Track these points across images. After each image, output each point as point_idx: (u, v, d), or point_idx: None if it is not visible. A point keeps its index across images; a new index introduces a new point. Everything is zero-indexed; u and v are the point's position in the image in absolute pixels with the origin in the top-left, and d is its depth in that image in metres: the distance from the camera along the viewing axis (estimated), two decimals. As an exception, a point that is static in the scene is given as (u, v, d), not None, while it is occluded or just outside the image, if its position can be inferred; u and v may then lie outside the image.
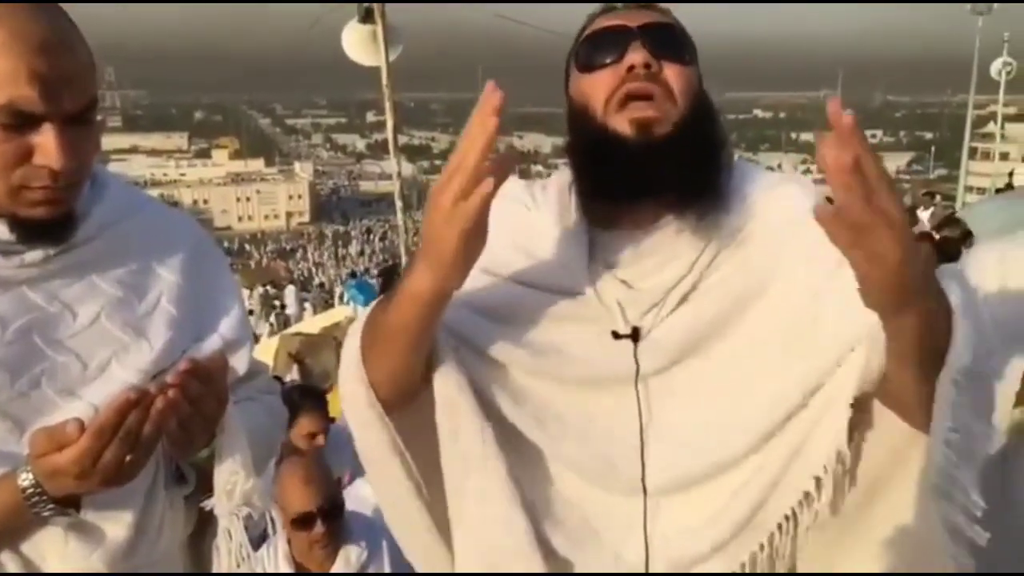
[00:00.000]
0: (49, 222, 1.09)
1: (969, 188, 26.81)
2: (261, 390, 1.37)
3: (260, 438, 1.25)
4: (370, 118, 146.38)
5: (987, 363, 1.05)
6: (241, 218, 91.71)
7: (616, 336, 1.09)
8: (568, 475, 1.11)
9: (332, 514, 2.45)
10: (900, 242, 0.81)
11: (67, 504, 1.06)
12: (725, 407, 1.07)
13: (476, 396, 1.09)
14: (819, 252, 0.91)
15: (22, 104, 0.99)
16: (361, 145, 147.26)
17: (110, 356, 1.15)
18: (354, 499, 2.75)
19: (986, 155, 37.02)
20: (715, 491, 1.07)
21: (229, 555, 1.20)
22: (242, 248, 72.86)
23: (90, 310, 1.15)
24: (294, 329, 11.95)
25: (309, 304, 18.03)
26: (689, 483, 1.08)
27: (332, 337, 9.04)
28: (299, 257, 63.94)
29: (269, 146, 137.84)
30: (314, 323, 11.89)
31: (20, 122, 1.00)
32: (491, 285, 1.12)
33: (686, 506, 1.08)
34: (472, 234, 0.91)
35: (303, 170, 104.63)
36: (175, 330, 1.21)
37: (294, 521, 2.41)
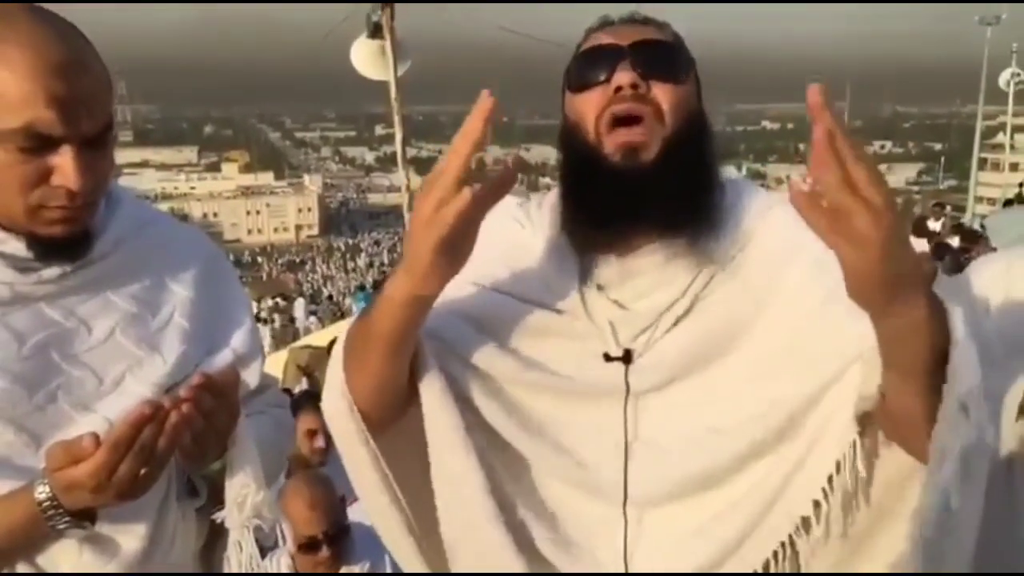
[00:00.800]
0: (66, 240, 1.11)
1: (979, 199, 26.70)
2: (271, 403, 1.39)
3: (270, 451, 1.27)
4: (379, 131, 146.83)
5: (989, 378, 1.00)
6: (251, 231, 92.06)
7: (608, 358, 1.09)
8: (552, 482, 1.11)
9: (337, 537, 2.45)
10: (881, 225, 0.77)
11: (82, 517, 1.08)
12: (712, 422, 1.06)
13: (461, 404, 1.09)
14: (815, 275, 0.90)
15: (41, 127, 1.02)
16: (370, 158, 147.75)
17: (124, 370, 1.17)
18: (360, 512, 2.76)
19: (996, 166, 36.88)
20: (699, 507, 1.06)
21: (239, 566, 1.21)
22: (252, 261, 73.14)
23: (105, 325, 1.18)
24: (303, 342, 11.97)
25: (316, 317, 18.06)
26: (672, 495, 1.07)
27: (341, 350, 9.05)
28: (308, 269, 64.10)
29: (279, 159, 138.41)
30: (323, 336, 11.90)
31: (39, 144, 1.03)
32: (481, 297, 1.12)
33: (669, 520, 1.07)
34: (449, 242, 0.91)
35: (312, 183, 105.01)
36: (188, 344, 1.23)
37: (300, 545, 2.43)
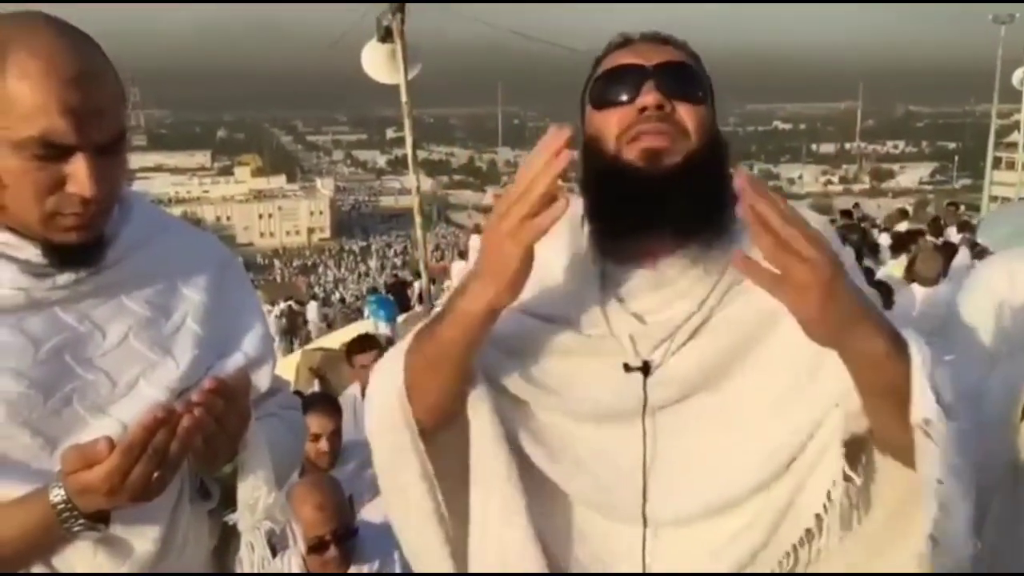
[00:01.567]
0: (81, 246, 1.13)
1: (994, 198, 26.50)
2: (283, 406, 1.40)
3: (282, 453, 1.28)
4: (390, 134, 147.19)
5: (975, 394, 1.06)
6: (263, 234, 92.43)
7: (627, 369, 1.11)
8: (578, 507, 1.14)
9: (345, 537, 2.48)
10: (817, 277, 0.88)
11: (96, 519, 1.09)
12: (730, 447, 1.09)
13: (503, 428, 1.12)
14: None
15: (54, 136, 1.03)
16: (382, 161, 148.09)
17: (138, 374, 1.19)
18: (371, 511, 2.78)
19: (1010, 165, 36.59)
20: (716, 527, 1.09)
21: (252, 567, 1.23)
22: (264, 264, 73.49)
23: (119, 329, 1.19)
24: (315, 344, 12.02)
25: (327, 320, 18.12)
26: (689, 519, 1.09)
27: (353, 352, 9.08)
28: (320, 272, 64.32)
29: (291, 163, 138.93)
30: (335, 338, 11.95)
31: (53, 152, 1.05)
32: (508, 319, 1.12)
33: (686, 540, 1.10)
34: (532, 253, 0.97)
35: (324, 186, 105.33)
36: (200, 348, 1.24)
37: (309, 546, 2.45)
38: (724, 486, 1.08)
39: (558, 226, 1.19)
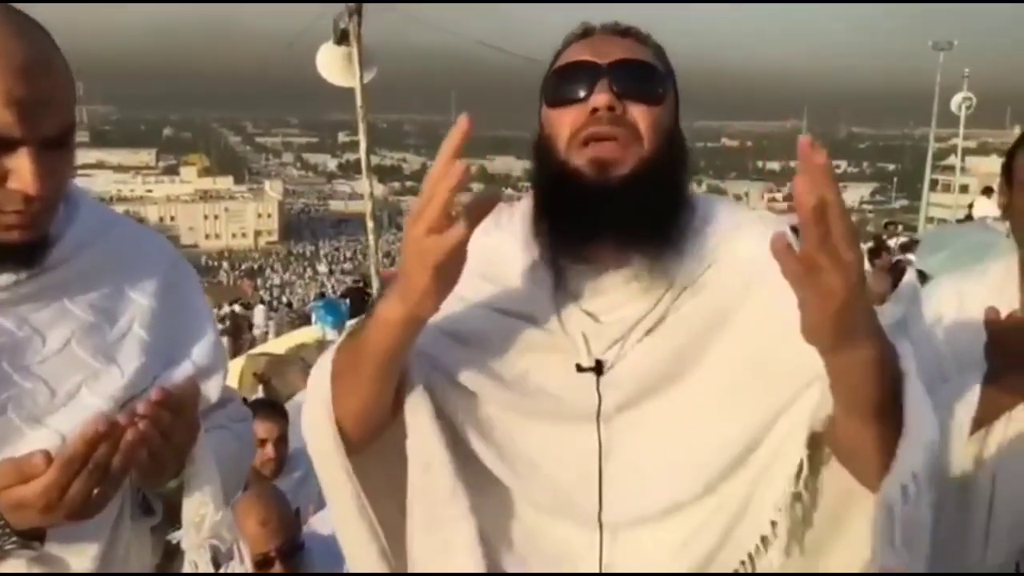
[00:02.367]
0: (22, 246, 1.06)
1: (930, 219, 27.44)
2: (232, 418, 1.34)
3: (230, 468, 1.23)
4: (342, 138, 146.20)
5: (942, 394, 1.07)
6: (208, 236, 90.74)
7: (580, 369, 1.10)
8: (527, 504, 1.12)
9: (290, 553, 2.42)
10: (848, 285, 0.83)
11: (31, 537, 1.03)
12: (683, 447, 1.08)
13: (445, 424, 1.09)
14: (780, 294, 0.92)
15: None
16: (332, 165, 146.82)
17: (80, 382, 1.12)
18: (319, 523, 2.71)
19: (947, 187, 37.94)
20: (672, 527, 1.08)
21: (196, 587, 1.17)
22: (209, 266, 72.04)
23: (60, 335, 1.13)
24: (260, 349, 11.80)
25: (273, 324, 17.84)
26: (645, 519, 1.09)
27: (299, 358, 8.93)
28: (267, 276, 63.38)
29: (239, 164, 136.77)
30: (280, 343, 11.76)
31: None
32: (462, 311, 1.12)
33: (643, 541, 1.09)
34: (444, 267, 0.92)
35: (273, 189, 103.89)
36: (147, 355, 1.18)
37: (254, 562, 2.38)
38: (677, 486, 1.07)
39: (513, 221, 1.15)
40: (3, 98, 0.96)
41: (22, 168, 0.99)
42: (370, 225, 10.23)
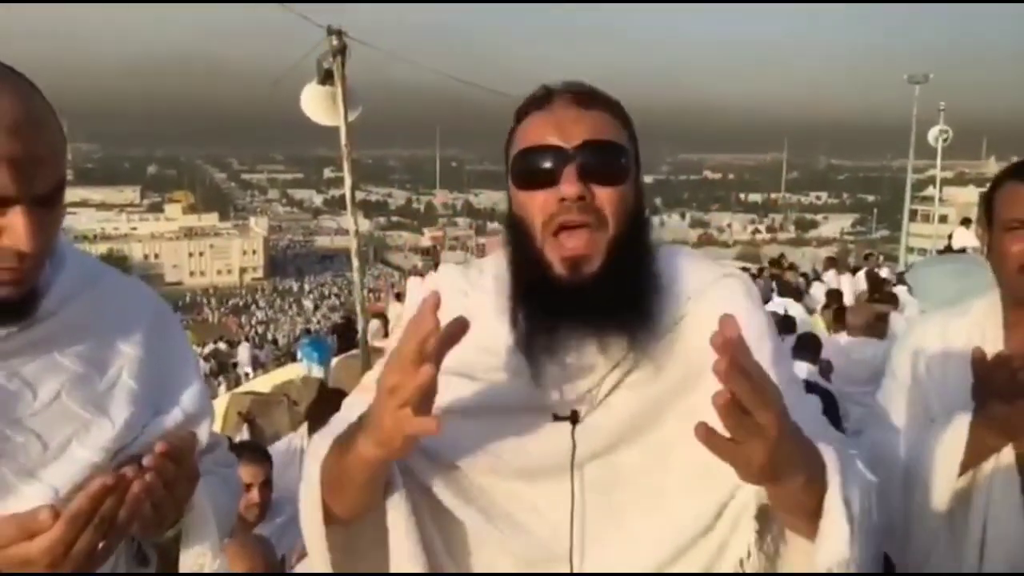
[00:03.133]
0: (12, 301, 1.07)
1: (911, 249, 27.70)
2: (219, 463, 1.35)
3: (220, 515, 1.24)
4: (327, 174, 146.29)
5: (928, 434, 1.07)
6: (193, 273, 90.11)
7: (556, 418, 1.13)
8: (506, 560, 1.15)
9: None
10: (766, 449, 0.89)
11: None
12: (657, 502, 1.12)
13: (422, 504, 1.13)
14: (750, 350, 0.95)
15: None
16: (318, 201, 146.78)
17: (71, 435, 1.12)
18: (305, 569, 2.68)
19: (926, 217, 38.40)
20: None
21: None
22: (194, 303, 71.49)
23: (51, 387, 1.13)
24: (246, 387, 11.68)
25: (249, 363, 17.69)
26: (620, 568, 1.11)
27: (284, 396, 8.85)
28: (252, 313, 62.94)
29: (224, 201, 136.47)
30: (266, 381, 11.65)
31: None
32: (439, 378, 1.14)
33: None
34: (414, 407, 0.94)
35: (258, 225, 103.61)
36: (136, 405, 1.19)
37: (236, 612, 2.36)
38: (652, 536, 1.11)
39: (483, 280, 1.19)
40: None
41: (16, 225, 1.00)
42: (355, 264, 10.21)
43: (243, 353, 18.37)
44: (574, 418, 1.13)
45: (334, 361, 10.92)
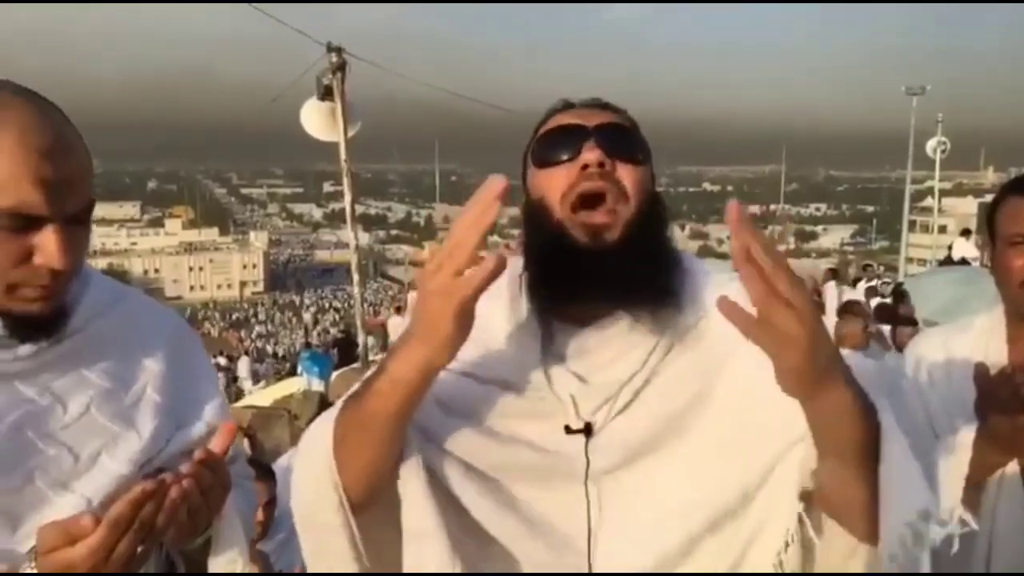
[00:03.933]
0: (43, 317, 1.11)
1: (910, 259, 27.74)
2: (239, 475, 1.38)
3: (246, 524, 1.27)
4: (327, 188, 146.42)
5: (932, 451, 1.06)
6: (193, 288, 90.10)
7: (568, 431, 1.11)
8: (522, 567, 1.12)
9: None
10: (803, 323, 0.86)
11: None
12: (674, 508, 1.09)
13: (438, 490, 1.09)
14: (766, 354, 0.94)
15: (27, 208, 1.02)
16: (318, 214, 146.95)
17: (100, 447, 1.16)
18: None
19: (925, 228, 38.45)
20: None
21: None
22: (194, 317, 71.44)
23: (80, 402, 1.17)
24: (246, 402, 11.66)
25: (250, 377, 17.64)
26: None
27: (284, 410, 8.85)
28: (252, 327, 62.90)
29: (224, 215, 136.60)
30: (266, 395, 11.64)
31: (23, 224, 1.03)
32: (451, 377, 1.12)
33: None
34: (468, 312, 0.93)
35: (258, 239, 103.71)
36: (161, 418, 1.23)
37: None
38: (668, 547, 1.08)
39: (498, 284, 1.20)
40: (32, 178, 1.02)
41: (48, 244, 1.04)
42: (355, 278, 10.23)
43: (243, 367, 18.35)
44: (588, 431, 1.10)
45: (334, 375, 10.92)
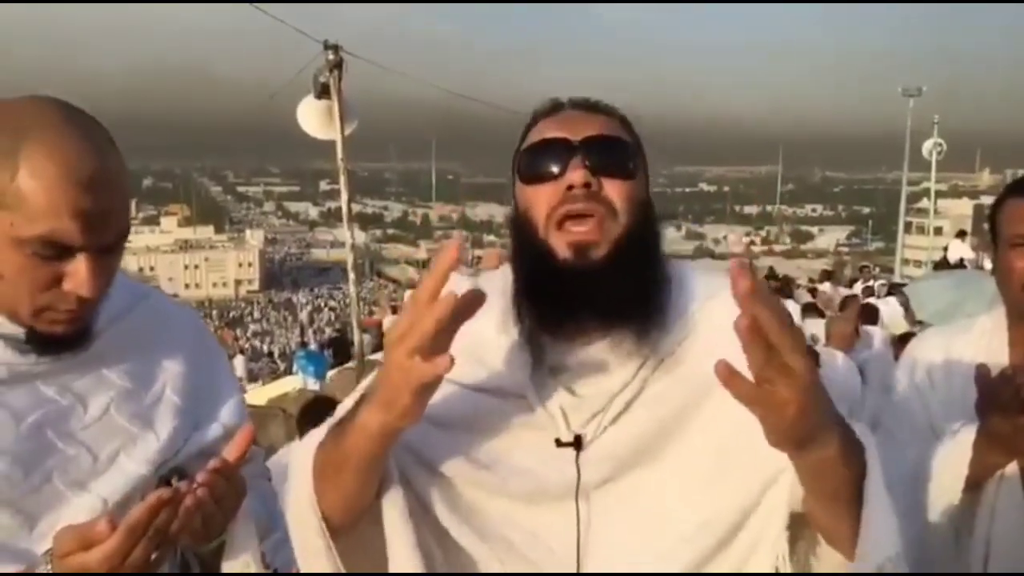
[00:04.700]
0: (66, 336, 1.11)
1: (906, 261, 27.82)
2: (255, 475, 1.38)
3: (260, 525, 1.27)
4: (323, 186, 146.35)
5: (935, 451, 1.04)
6: (188, 285, 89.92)
7: (559, 444, 1.09)
8: None
9: None
10: (800, 393, 0.84)
11: None
12: (667, 523, 1.07)
13: (420, 511, 1.09)
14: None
15: (61, 237, 1.02)
16: (314, 213, 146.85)
17: (119, 448, 1.17)
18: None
19: (921, 229, 38.51)
20: None
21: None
22: (189, 316, 70.96)
23: (100, 402, 1.17)
24: (241, 401, 11.62)
25: (245, 376, 17.64)
26: None
27: (280, 409, 8.82)
28: (248, 325, 62.82)
29: (220, 213, 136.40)
30: (261, 394, 11.61)
31: (55, 252, 1.03)
32: (440, 392, 1.08)
33: None
34: (428, 387, 0.93)
35: (254, 237, 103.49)
36: (179, 419, 1.24)
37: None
38: (660, 564, 1.06)
39: (489, 296, 1.19)
40: (69, 210, 1.01)
41: (79, 272, 1.04)
42: (351, 276, 10.20)
43: (239, 366, 18.34)
44: (578, 444, 1.08)
45: (332, 373, 10.90)
